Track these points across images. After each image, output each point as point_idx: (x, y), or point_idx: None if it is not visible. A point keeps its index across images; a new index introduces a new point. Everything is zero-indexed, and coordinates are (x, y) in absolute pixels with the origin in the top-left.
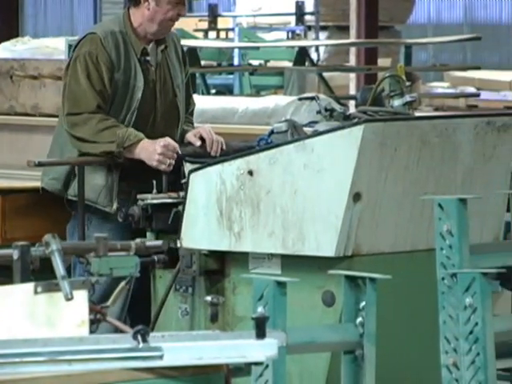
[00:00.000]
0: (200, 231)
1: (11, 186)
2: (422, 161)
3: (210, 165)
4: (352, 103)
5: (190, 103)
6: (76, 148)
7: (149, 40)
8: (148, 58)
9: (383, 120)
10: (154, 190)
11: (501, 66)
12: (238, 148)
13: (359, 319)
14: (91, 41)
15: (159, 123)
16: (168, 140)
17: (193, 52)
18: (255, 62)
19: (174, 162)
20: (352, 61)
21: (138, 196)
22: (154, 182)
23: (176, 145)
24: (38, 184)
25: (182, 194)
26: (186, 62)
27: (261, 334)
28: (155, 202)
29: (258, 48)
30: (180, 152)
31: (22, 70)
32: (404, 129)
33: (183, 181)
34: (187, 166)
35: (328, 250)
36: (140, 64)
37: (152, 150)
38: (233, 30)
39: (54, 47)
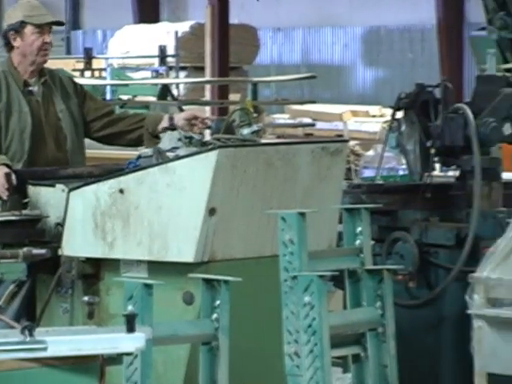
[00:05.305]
0: (78, 241)
1: None
2: (268, 180)
3: (86, 184)
4: (208, 132)
5: (104, 106)
6: None
7: (30, 74)
8: (31, 89)
9: (234, 146)
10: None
11: (332, 100)
12: (110, 170)
13: (215, 315)
14: None
15: (49, 145)
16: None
17: None
18: (125, 97)
19: (4, 192)
20: (207, 96)
21: None
22: (0, 202)
23: (4, 182)
24: None
25: (24, 211)
26: (77, 90)
27: (131, 328)
28: (0, 219)
29: (127, 85)
30: (9, 190)
31: None
32: (252, 153)
33: (25, 200)
34: (30, 188)
35: (188, 256)
36: (24, 95)
37: None
38: (105, 69)
39: None
